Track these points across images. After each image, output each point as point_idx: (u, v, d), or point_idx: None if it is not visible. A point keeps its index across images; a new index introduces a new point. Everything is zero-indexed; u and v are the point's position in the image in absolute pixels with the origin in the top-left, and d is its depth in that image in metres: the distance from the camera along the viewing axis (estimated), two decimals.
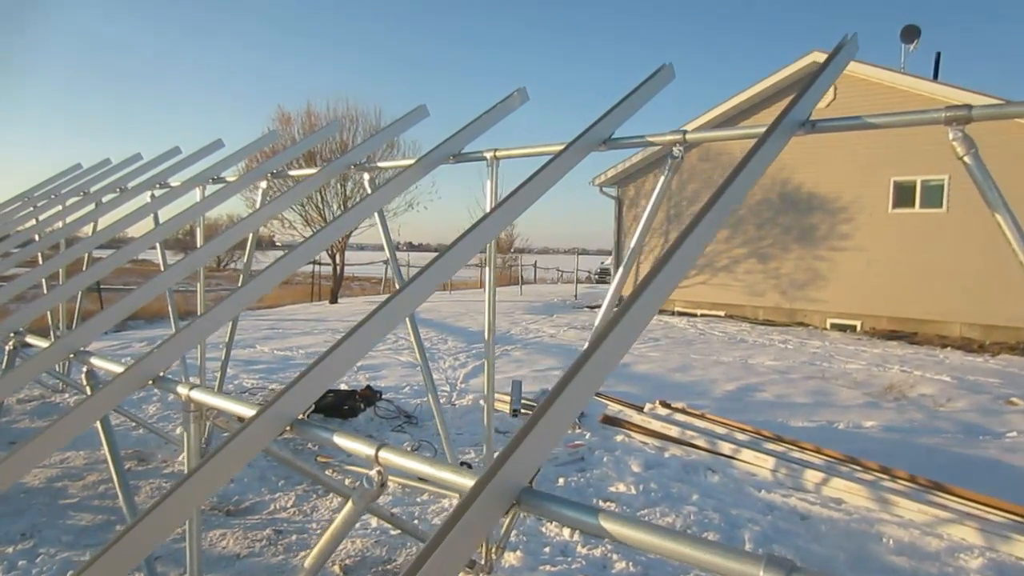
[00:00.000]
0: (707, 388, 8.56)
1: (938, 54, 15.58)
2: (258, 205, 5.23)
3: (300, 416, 2.07)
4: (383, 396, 7.50)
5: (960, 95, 13.06)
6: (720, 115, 16.59)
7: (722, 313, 16.91)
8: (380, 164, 4.12)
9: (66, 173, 8.42)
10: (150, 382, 2.70)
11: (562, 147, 3.63)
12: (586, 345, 1.79)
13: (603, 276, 36.63)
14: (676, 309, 17.68)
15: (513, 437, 1.52)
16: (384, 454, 1.79)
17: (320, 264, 22.10)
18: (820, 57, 14.91)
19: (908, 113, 2.47)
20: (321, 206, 20.33)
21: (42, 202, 7.82)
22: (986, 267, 13.15)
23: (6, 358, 4.19)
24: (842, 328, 14.95)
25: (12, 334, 3.98)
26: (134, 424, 6.51)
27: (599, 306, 17.52)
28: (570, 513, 1.41)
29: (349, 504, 1.91)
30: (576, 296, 22.17)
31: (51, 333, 8.17)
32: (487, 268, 3.73)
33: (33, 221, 7.41)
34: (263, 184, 5.02)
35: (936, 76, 15.02)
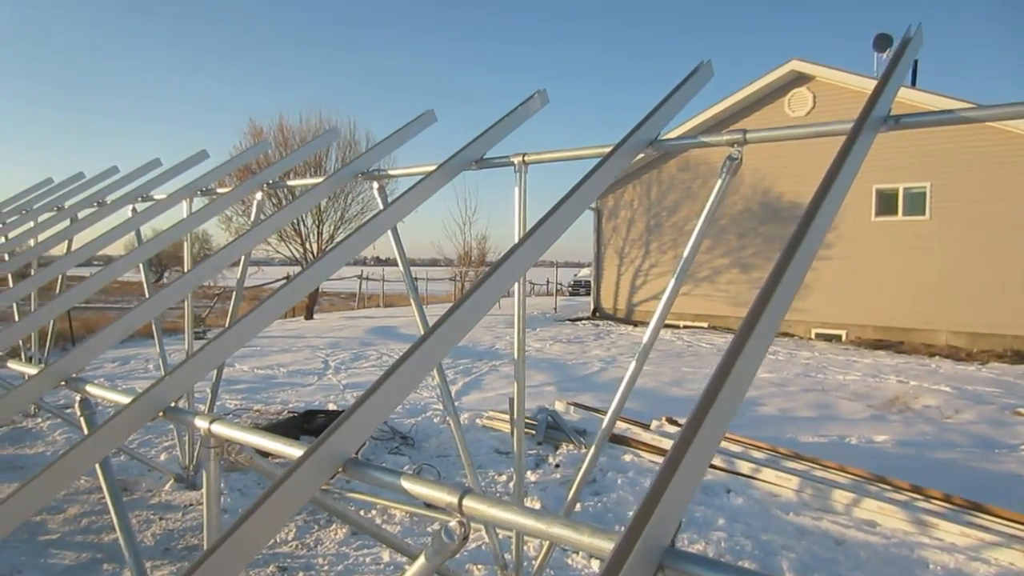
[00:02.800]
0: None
1: (915, 61, 15.69)
2: (252, 218, 4.91)
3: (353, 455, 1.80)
4: None
5: (939, 101, 13.13)
6: (702, 123, 16.53)
7: (705, 324, 16.80)
8: (393, 172, 3.84)
9: (38, 187, 8.00)
10: (160, 414, 2.39)
11: (594, 150, 3.42)
12: (711, 375, 1.54)
13: (577, 288, 36.30)
14: None
15: (652, 488, 1.26)
16: (471, 503, 1.52)
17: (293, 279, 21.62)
18: (800, 66, 14.97)
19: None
20: (296, 222, 19.86)
21: (12, 218, 7.40)
22: (971, 274, 13.22)
23: None
24: (827, 338, 14.92)
25: None
26: (114, 451, 6.11)
27: (580, 319, 17.20)
28: None
29: (420, 560, 1.63)
30: (556, 309, 21.95)
31: (23, 356, 7.72)
32: (517, 288, 3.46)
33: (2, 239, 7.00)
34: (258, 196, 4.71)
35: (914, 83, 15.13)
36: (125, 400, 2.53)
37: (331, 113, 28.15)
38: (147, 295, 6.21)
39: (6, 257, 6.74)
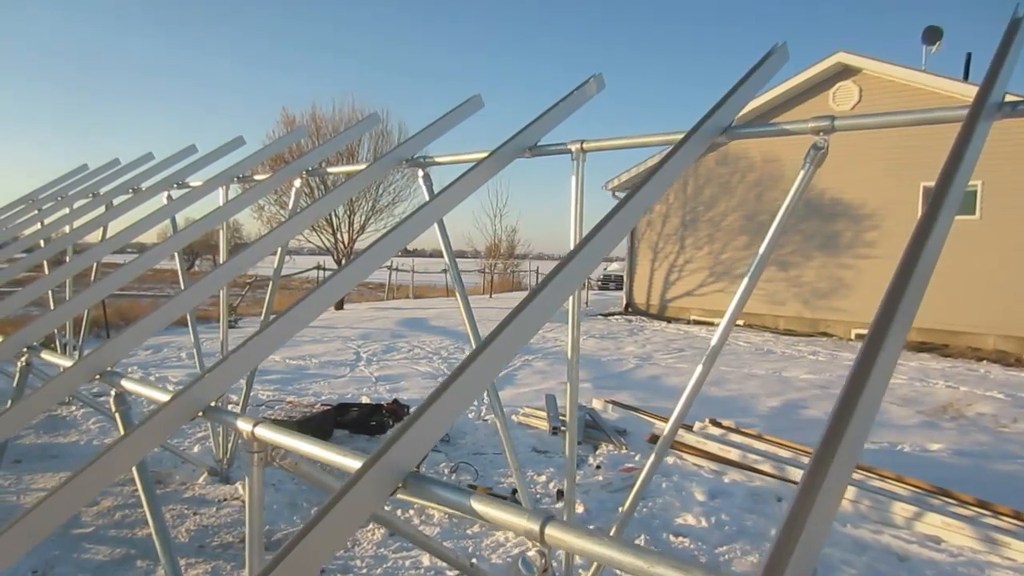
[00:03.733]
0: (748, 404, 8.10)
1: (968, 55, 15.21)
2: (291, 205, 4.76)
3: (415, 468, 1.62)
4: (410, 410, 7.02)
5: None
6: (740, 117, 16.12)
7: (741, 322, 16.45)
8: (440, 159, 3.66)
9: (73, 173, 7.96)
10: (200, 414, 2.23)
11: (661, 137, 3.20)
12: (840, 395, 1.34)
13: (606, 282, 35.72)
14: (692, 318, 17.24)
15: (783, 531, 1.06)
16: (555, 532, 1.33)
17: (324, 270, 21.61)
18: (847, 58, 14.53)
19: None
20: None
21: (47, 204, 7.35)
22: (1022, 276, 12.75)
23: (18, 376, 3.72)
24: None
25: (25, 348, 3.51)
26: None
27: (612, 314, 16.92)
28: None
29: None
30: (587, 303, 21.70)
31: (57, 344, 7.69)
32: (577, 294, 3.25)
33: (38, 225, 6.95)
34: (297, 183, 4.56)
35: (967, 77, 14.62)
36: (162, 397, 2.38)
37: (363, 103, 28.06)
38: (182, 286, 6.11)
39: (41, 244, 6.69)
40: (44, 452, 5.82)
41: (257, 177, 4.94)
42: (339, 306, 19.90)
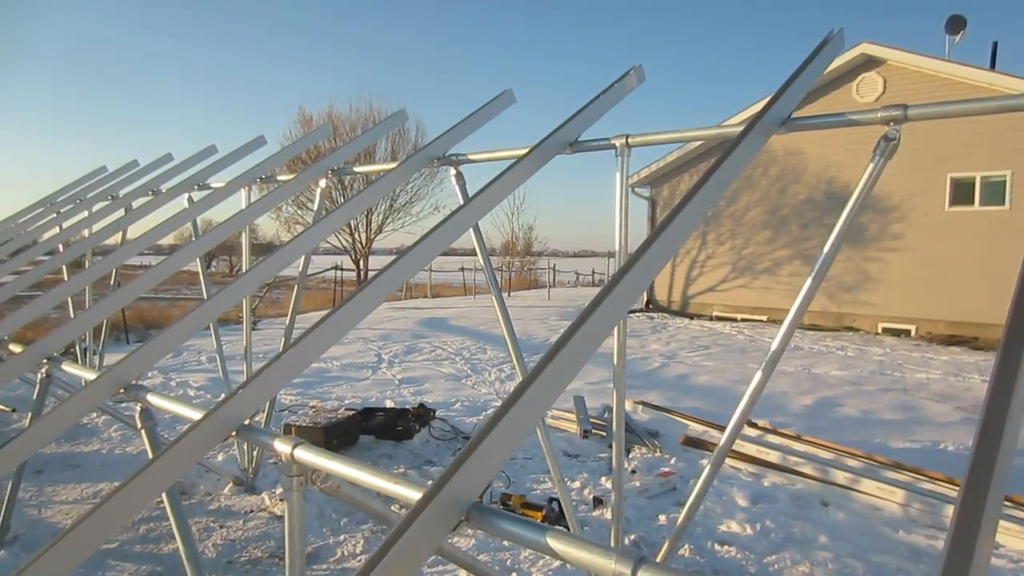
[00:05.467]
0: (781, 402, 7.89)
1: (995, 43, 14.87)
2: (316, 206, 4.62)
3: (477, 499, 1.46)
4: (436, 414, 6.87)
5: (1020, 84, 12.35)
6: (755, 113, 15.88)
7: (764, 318, 16.20)
8: (475, 156, 3.49)
9: (91, 175, 7.86)
10: (234, 433, 2.08)
11: (713, 131, 3.04)
12: (982, 411, 1.17)
13: None
14: (714, 314, 17.01)
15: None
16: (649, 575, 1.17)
17: (342, 269, 21.54)
18: (869, 49, 14.23)
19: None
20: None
21: (66, 207, 7.26)
22: None
23: (38, 387, 3.60)
24: (895, 333, 14.23)
25: (46, 360, 3.39)
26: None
27: (633, 311, 16.59)
28: None
29: None
30: None
31: (77, 349, 7.60)
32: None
33: (56, 229, 6.86)
34: (322, 183, 4.41)
35: (993, 66, 14.29)
36: (192, 414, 2.24)
37: (380, 102, 27.96)
38: (205, 294, 5.99)
39: (60, 248, 6.59)
40: (65, 462, 5.72)
41: (280, 178, 4.80)
42: None
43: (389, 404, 7.52)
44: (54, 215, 7.17)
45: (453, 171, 3.58)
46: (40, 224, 7.00)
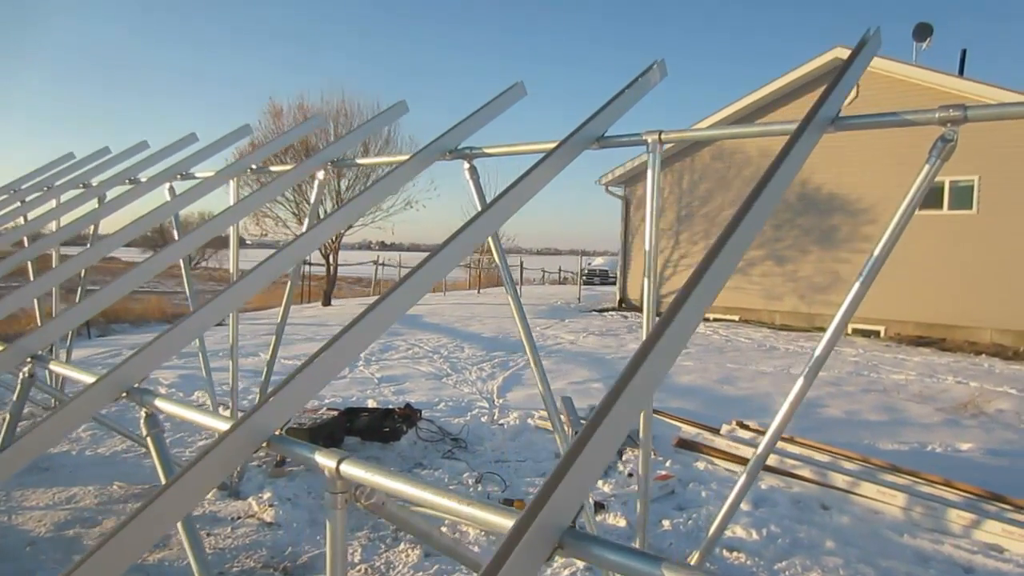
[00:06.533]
0: (765, 403, 7.89)
1: (963, 51, 15.16)
2: (313, 199, 4.42)
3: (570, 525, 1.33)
4: (422, 415, 6.70)
5: (990, 92, 12.59)
6: (735, 112, 15.99)
7: (736, 317, 16.31)
8: (490, 150, 3.34)
9: (59, 162, 7.51)
10: (264, 444, 1.92)
11: (754, 128, 2.95)
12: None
13: (591, 277, 34.86)
14: None
15: None
16: None
17: (311, 264, 21.13)
18: (843, 53, 14.37)
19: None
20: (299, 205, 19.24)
21: (32, 196, 6.90)
22: (1019, 270, 12.71)
23: (19, 388, 3.36)
24: (865, 333, 14.42)
25: (29, 359, 3.16)
26: (144, 451, 5.67)
27: (606, 310, 16.61)
28: None
29: None
30: (579, 299, 21.45)
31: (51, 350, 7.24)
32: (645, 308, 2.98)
33: (21, 219, 6.51)
34: (320, 175, 4.22)
35: (961, 72, 14.55)
36: (217, 424, 2.06)
37: (355, 94, 27.49)
38: (187, 292, 5.74)
39: (25, 242, 6.26)
40: (34, 465, 5.39)
41: (273, 168, 4.60)
42: (326, 302, 19.49)
43: (372, 404, 7.33)
44: (18, 204, 6.81)
45: (467, 165, 3.43)
46: (3, 213, 6.63)
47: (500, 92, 3.79)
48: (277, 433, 1.93)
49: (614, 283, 30.00)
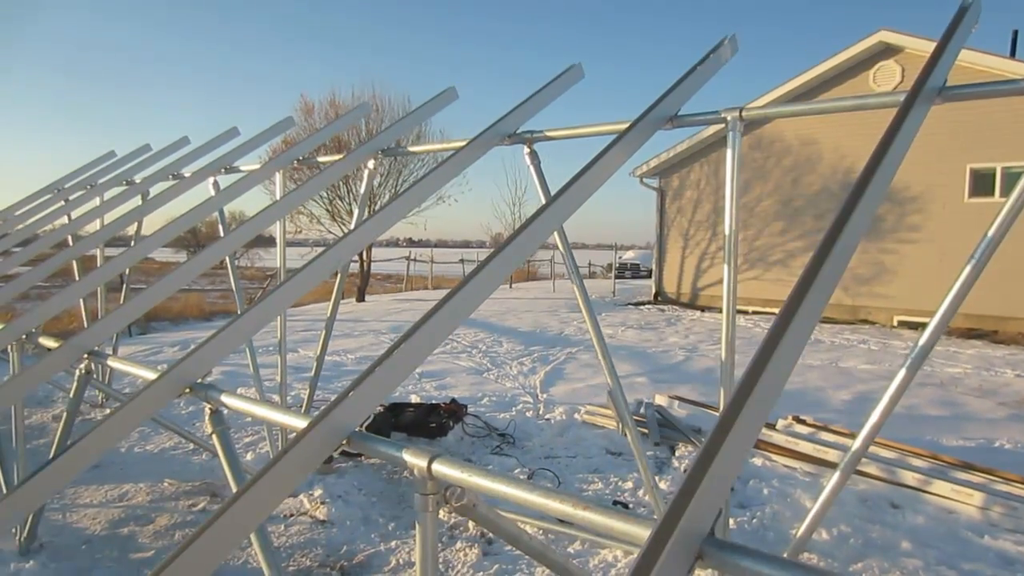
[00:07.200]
0: (818, 397, 7.66)
1: (1015, 31, 14.63)
2: (362, 189, 4.31)
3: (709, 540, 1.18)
4: (468, 410, 6.58)
5: None
6: (788, 92, 15.54)
7: (776, 310, 15.95)
8: (552, 133, 3.20)
9: (101, 160, 7.52)
10: (344, 442, 1.80)
11: (849, 101, 2.77)
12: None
13: (622, 271, 34.37)
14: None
15: None
16: None
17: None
18: (888, 36, 13.99)
19: None
20: (342, 201, 19.29)
21: (76, 194, 6.91)
22: None
23: (76, 384, 3.30)
24: (912, 326, 14.03)
25: (86, 355, 3.09)
26: (192, 447, 5.64)
27: (642, 303, 16.35)
28: None
29: None
30: (614, 293, 21.24)
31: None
32: (728, 272, 2.82)
33: (65, 219, 6.50)
34: (370, 164, 4.11)
35: (1013, 54, 14.07)
36: (294, 422, 1.95)
37: (385, 90, 27.50)
38: (233, 288, 5.68)
39: (70, 240, 6.25)
40: None
41: (321, 159, 4.50)
42: (360, 298, 19.50)
43: (415, 399, 7.24)
44: (62, 203, 6.82)
45: (527, 150, 3.29)
46: (49, 213, 6.63)
47: (557, 74, 3.65)
48: (357, 430, 1.81)
49: (645, 277, 29.70)
